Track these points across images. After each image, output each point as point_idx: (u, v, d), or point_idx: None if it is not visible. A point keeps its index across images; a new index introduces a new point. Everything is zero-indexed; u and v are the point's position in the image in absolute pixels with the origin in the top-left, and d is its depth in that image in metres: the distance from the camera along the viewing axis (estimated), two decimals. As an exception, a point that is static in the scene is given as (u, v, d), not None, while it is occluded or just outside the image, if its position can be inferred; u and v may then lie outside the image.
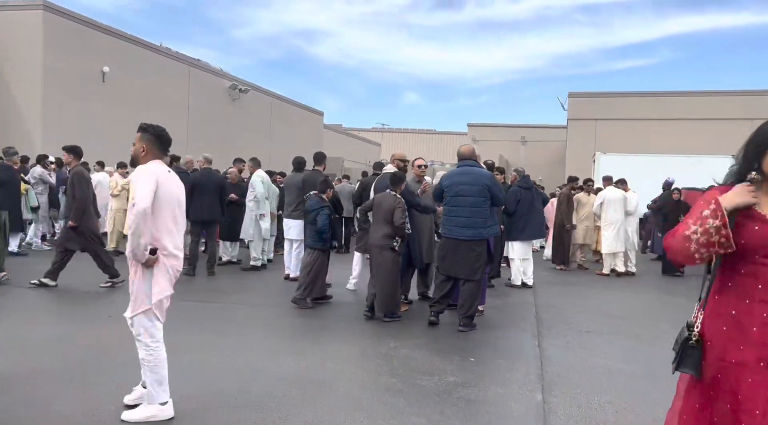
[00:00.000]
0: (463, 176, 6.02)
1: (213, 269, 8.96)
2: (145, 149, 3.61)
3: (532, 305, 7.48)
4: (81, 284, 7.63)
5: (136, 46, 20.76)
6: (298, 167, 8.87)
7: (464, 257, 5.87)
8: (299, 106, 33.69)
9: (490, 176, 6.20)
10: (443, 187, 6.07)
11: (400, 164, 6.73)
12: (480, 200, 5.90)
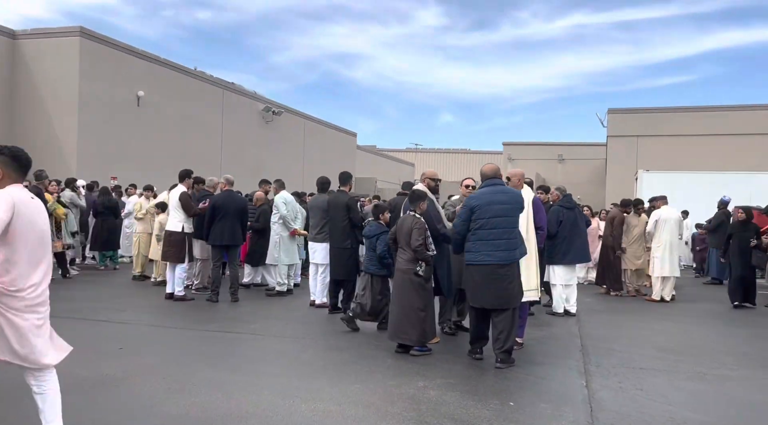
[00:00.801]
0: (497, 194, 5.48)
1: (236, 294, 8.58)
2: (1, 173, 3.11)
3: (577, 337, 6.82)
4: (94, 312, 7.33)
5: (171, 70, 20.96)
6: (322, 187, 8.49)
7: (500, 284, 5.31)
8: (332, 127, 33.64)
9: (521, 194, 5.73)
10: (473, 208, 5.51)
11: (431, 183, 6.23)
12: (515, 220, 5.48)
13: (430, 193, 6.08)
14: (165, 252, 8.51)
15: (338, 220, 7.68)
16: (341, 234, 7.65)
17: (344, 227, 7.65)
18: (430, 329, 5.67)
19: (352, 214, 7.64)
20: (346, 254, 7.63)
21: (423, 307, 5.61)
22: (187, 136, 21.51)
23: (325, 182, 8.58)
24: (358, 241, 7.73)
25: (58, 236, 10.17)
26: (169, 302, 8.32)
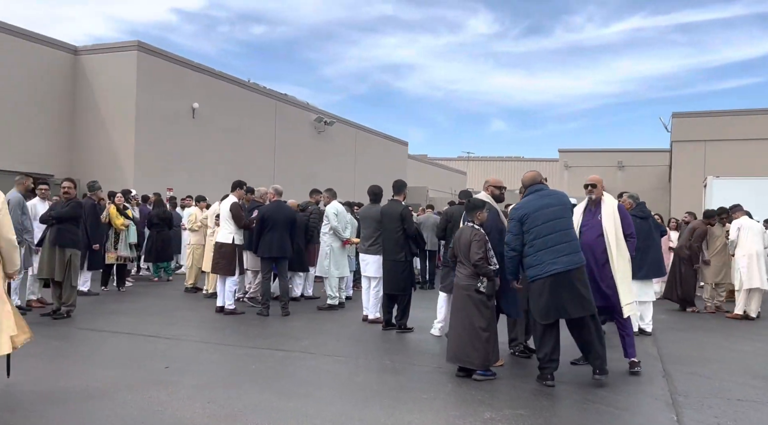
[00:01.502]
0: (543, 198, 5.11)
1: (287, 308, 8.30)
2: None
3: (657, 360, 6.16)
4: (144, 326, 7.16)
5: (225, 82, 21.19)
6: (374, 197, 8.10)
7: (575, 290, 4.92)
8: (383, 136, 33.43)
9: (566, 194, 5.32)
10: (521, 218, 5.06)
11: (495, 191, 5.73)
12: (569, 221, 5.11)
13: (494, 202, 5.60)
14: (215, 264, 8.33)
15: (392, 231, 7.30)
16: (395, 246, 7.25)
17: (398, 238, 7.25)
18: (493, 351, 5.17)
19: (407, 224, 7.24)
20: (400, 267, 7.23)
21: (485, 327, 5.12)
22: (241, 147, 21.66)
23: (378, 192, 8.18)
24: (412, 253, 7.31)
25: (116, 247, 10.19)
26: (219, 316, 8.11)
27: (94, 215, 9.48)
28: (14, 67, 16.26)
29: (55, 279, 7.50)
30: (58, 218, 7.55)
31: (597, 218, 5.48)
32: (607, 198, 5.59)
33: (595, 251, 5.39)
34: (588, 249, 5.34)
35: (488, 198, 5.60)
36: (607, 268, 5.34)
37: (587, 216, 5.59)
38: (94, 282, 10.01)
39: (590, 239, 5.43)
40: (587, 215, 5.60)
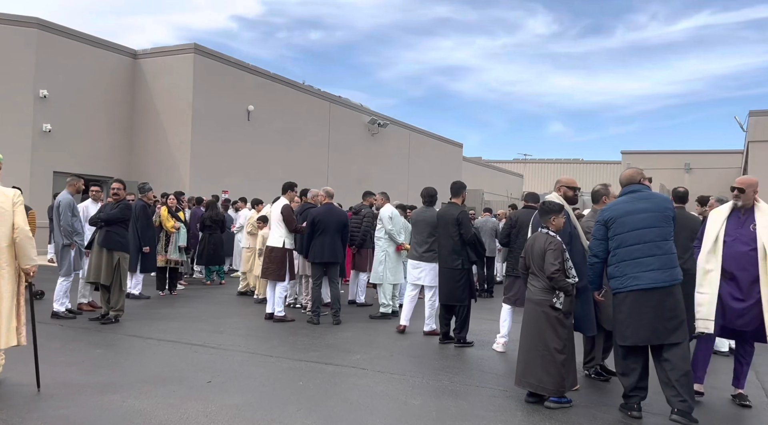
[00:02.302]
0: (637, 202, 4.45)
1: (338, 316, 7.88)
2: None
3: (761, 390, 5.38)
4: (191, 333, 6.88)
5: (280, 84, 21.13)
6: (429, 200, 7.57)
7: (656, 312, 4.26)
8: (438, 138, 32.82)
9: (669, 200, 4.57)
10: (607, 222, 4.47)
11: (569, 192, 5.12)
12: (668, 231, 4.40)
13: (567, 205, 4.98)
14: (265, 269, 8.00)
15: (448, 236, 6.75)
16: (451, 253, 6.70)
17: (454, 244, 6.70)
18: (570, 375, 4.56)
19: (464, 229, 6.68)
20: (456, 276, 6.67)
21: (561, 348, 4.52)
22: (295, 149, 21.56)
23: (433, 194, 7.64)
24: (470, 261, 6.75)
25: (166, 250, 10.06)
26: (268, 323, 7.77)
27: (144, 217, 9.35)
28: (77, 71, 16.61)
29: (103, 283, 7.33)
30: (106, 220, 7.39)
31: (748, 228, 4.68)
32: (763, 206, 4.73)
33: (744, 266, 4.58)
34: (732, 263, 4.61)
35: (559, 200, 4.98)
36: (757, 287, 4.53)
37: (732, 224, 4.75)
38: (146, 286, 9.87)
39: (737, 251, 4.64)
40: (733, 223, 4.77)
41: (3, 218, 4.31)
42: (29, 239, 4.42)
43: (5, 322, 4.36)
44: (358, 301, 9.58)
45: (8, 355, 5.08)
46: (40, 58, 15.67)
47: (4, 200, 4.38)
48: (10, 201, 4.40)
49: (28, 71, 15.53)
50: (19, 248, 4.36)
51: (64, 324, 7.19)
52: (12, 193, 4.48)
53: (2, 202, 4.36)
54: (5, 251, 4.34)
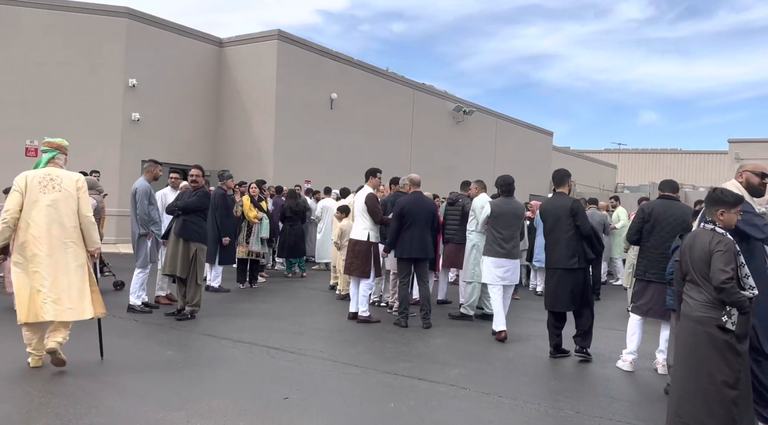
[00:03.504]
0: None
1: (428, 318, 7.04)
2: None
3: None
4: (268, 334, 6.26)
5: (363, 71, 20.50)
6: (507, 189, 6.82)
7: None
8: (526, 126, 31.18)
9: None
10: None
11: (754, 180, 3.96)
12: None
13: (748, 195, 3.85)
14: (348, 265, 7.28)
15: (560, 230, 5.73)
16: (565, 249, 5.68)
17: (569, 239, 5.67)
18: (743, 417, 3.48)
19: (581, 221, 5.65)
20: (574, 278, 5.66)
21: (732, 382, 3.44)
22: (377, 138, 20.90)
23: (511, 182, 6.89)
24: (587, 259, 5.71)
25: (247, 241, 9.60)
26: (352, 324, 7.05)
27: (224, 206, 8.90)
28: (164, 60, 16.68)
29: (179, 276, 6.87)
30: (183, 208, 6.91)
31: None
32: None
33: None
34: None
35: (738, 189, 3.85)
36: None
37: None
38: (225, 281, 9.45)
39: None
40: None
41: (69, 199, 4.62)
42: (92, 224, 4.77)
43: (77, 296, 4.58)
44: (440, 299, 8.74)
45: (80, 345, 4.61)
46: (129, 48, 15.81)
47: (69, 183, 4.68)
48: (75, 185, 4.69)
49: (118, 61, 15.71)
50: (84, 232, 4.70)
51: (139, 318, 6.80)
52: (76, 178, 4.76)
53: (68, 185, 4.66)
54: (72, 230, 4.62)
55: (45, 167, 4.70)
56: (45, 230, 4.49)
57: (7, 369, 4.63)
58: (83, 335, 5.39)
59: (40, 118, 14.95)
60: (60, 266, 4.51)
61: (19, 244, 4.50)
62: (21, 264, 4.49)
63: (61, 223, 4.55)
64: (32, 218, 4.49)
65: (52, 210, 4.52)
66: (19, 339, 4.81)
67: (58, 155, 4.79)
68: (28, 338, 4.59)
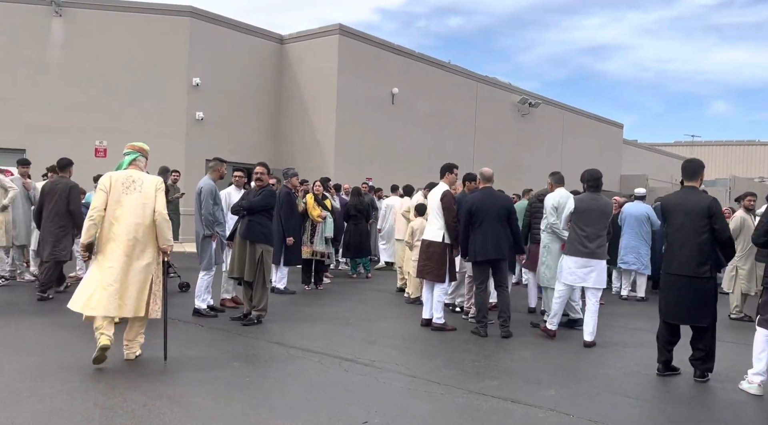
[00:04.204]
0: None
1: (507, 326, 6.43)
2: None
3: None
4: (338, 343, 5.82)
5: (425, 64, 19.92)
6: (595, 184, 6.24)
7: None
8: (594, 118, 29.76)
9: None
10: None
11: None
12: None
13: None
14: (421, 268, 6.76)
15: (692, 232, 4.95)
16: (697, 254, 4.91)
17: (702, 244, 4.91)
18: None
19: (719, 224, 4.88)
20: (701, 287, 4.91)
21: None
22: (439, 133, 20.29)
23: (599, 177, 6.27)
24: (719, 266, 4.98)
25: (311, 241, 9.25)
26: (426, 332, 6.54)
27: (288, 205, 8.56)
28: (227, 59, 16.64)
29: (245, 279, 6.54)
30: (248, 208, 6.57)
31: None
32: None
33: None
34: None
35: None
36: None
37: None
38: (290, 282, 9.13)
39: None
40: None
41: (148, 201, 4.81)
42: (166, 221, 4.88)
43: (136, 293, 4.72)
44: (531, 306, 8.06)
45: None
46: (192, 47, 15.84)
47: (149, 185, 4.87)
48: (154, 187, 4.88)
49: (182, 60, 15.75)
50: (157, 229, 4.84)
51: (204, 323, 6.51)
52: (156, 180, 4.95)
53: (148, 187, 4.86)
54: (148, 230, 4.80)
55: (127, 169, 4.94)
56: (125, 230, 4.72)
57: (66, 378, 4.38)
58: (150, 337, 5.11)
59: (106, 118, 15.17)
60: (132, 264, 4.72)
61: (102, 242, 4.74)
62: (99, 260, 4.72)
63: (140, 223, 4.77)
64: (115, 217, 4.74)
65: (132, 210, 4.75)
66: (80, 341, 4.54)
67: (139, 158, 5.03)
68: (97, 322, 4.67)
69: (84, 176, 9.89)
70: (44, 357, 4.92)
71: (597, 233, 6.15)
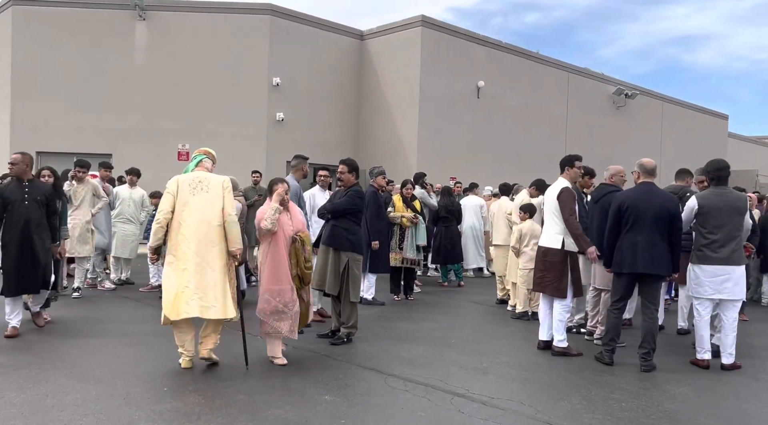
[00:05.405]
0: None
1: (650, 360, 5.20)
2: None
3: None
4: (442, 369, 4.88)
5: (512, 55, 18.67)
6: (718, 176, 5.30)
7: None
8: (695, 109, 27.28)
9: None
10: None
11: None
12: None
13: None
14: (538, 280, 5.71)
15: None
16: None
17: None
18: None
19: None
20: None
21: None
22: (528, 128, 18.98)
23: (723, 168, 5.30)
24: None
25: (401, 246, 8.38)
26: (546, 357, 5.49)
27: (375, 206, 7.73)
28: (307, 57, 16.15)
29: (328, 292, 5.75)
30: (332, 211, 5.78)
31: None
32: None
33: None
34: None
35: None
36: None
37: None
38: (378, 291, 8.30)
39: None
40: None
41: (215, 200, 4.73)
42: (235, 223, 4.75)
43: (221, 294, 4.62)
44: (681, 326, 6.80)
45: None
46: (273, 46, 15.44)
47: (216, 185, 4.77)
48: (221, 186, 4.77)
49: (262, 60, 15.38)
50: (226, 231, 4.71)
51: (289, 342, 5.76)
52: (223, 179, 4.83)
53: (215, 187, 4.76)
54: (218, 230, 4.70)
55: (194, 171, 4.87)
56: (194, 230, 4.63)
57: (146, 387, 3.71)
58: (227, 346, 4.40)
59: (187, 121, 15.02)
60: (207, 264, 4.61)
61: (172, 244, 4.67)
62: (173, 263, 4.64)
63: (209, 223, 4.67)
64: (183, 219, 4.66)
65: (200, 211, 4.67)
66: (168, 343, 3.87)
67: (205, 159, 4.96)
68: (179, 339, 4.69)
69: (167, 180, 9.52)
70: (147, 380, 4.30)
71: (730, 234, 5.15)
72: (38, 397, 3.98)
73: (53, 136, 14.62)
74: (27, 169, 5.77)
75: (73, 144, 14.42)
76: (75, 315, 6.62)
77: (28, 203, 5.64)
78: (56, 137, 14.61)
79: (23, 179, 5.74)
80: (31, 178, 5.84)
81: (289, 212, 5.07)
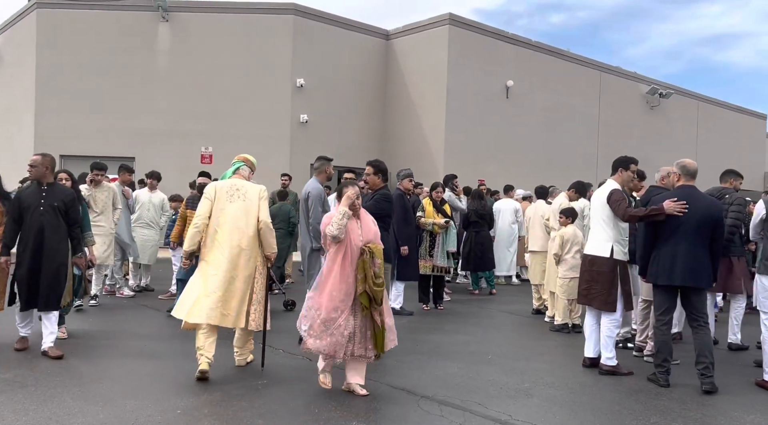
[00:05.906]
0: None
1: (710, 378, 4.71)
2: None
3: None
4: (480, 389, 4.43)
5: (541, 53, 18.09)
6: None
7: None
8: (733, 108, 26.29)
9: None
10: None
11: None
12: None
13: None
14: (585, 291, 5.23)
15: None
16: None
17: None
18: None
19: None
20: None
21: None
22: (558, 128, 18.37)
23: None
24: None
25: (431, 253, 7.94)
26: (593, 376, 5.00)
27: (402, 210, 7.31)
28: (331, 58, 15.82)
29: (360, 303, 5.34)
30: (361, 216, 5.37)
31: None
32: None
33: None
34: None
35: None
36: None
37: None
38: (406, 300, 7.88)
39: None
40: None
41: (251, 208, 4.78)
42: (270, 230, 4.85)
43: (237, 304, 4.66)
44: (732, 342, 6.24)
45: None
46: (296, 47, 15.14)
47: (253, 193, 4.82)
48: (257, 195, 4.83)
49: (286, 60, 15.10)
50: (261, 237, 4.80)
51: (313, 357, 5.36)
52: (259, 188, 4.88)
53: (251, 195, 4.81)
54: (252, 238, 4.75)
55: (231, 178, 4.92)
56: (228, 236, 4.68)
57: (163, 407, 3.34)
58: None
59: (211, 123, 14.80)
60: (236, 274, 4.66)
61: (206, 249, 4.72)
62: (203, 268, 4.69)
63: (243, 230, 4.72)
64: (219, 225, 4.71)
65: (235, 218, 4.72)
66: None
67: (243, 167, 5.01)
68: (200, 341, 4.59)
69: (189, 183, 9.25)
70: (122, 405, 3.96)
71: None
72: (41, 420, 3.65)
73: (77, 139, 14.52)
74: (47, 172, 5.28)
75: (96, 147, 14.29)
76: (89, 327, 6.31)
77: (44, 209, 5.12)
78: (80, 139, 14.51)
79: (42, 182, 5.35)
80: (52, 182, 5.42)
81: (360, 220, 4.42)
